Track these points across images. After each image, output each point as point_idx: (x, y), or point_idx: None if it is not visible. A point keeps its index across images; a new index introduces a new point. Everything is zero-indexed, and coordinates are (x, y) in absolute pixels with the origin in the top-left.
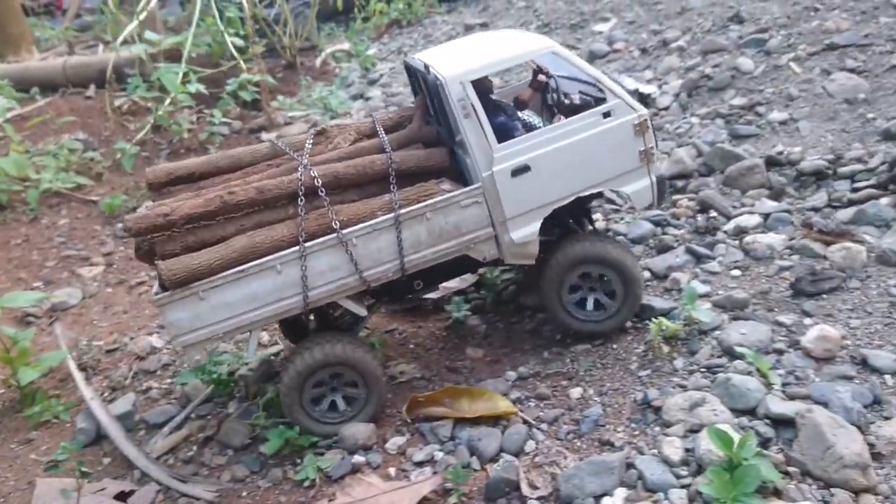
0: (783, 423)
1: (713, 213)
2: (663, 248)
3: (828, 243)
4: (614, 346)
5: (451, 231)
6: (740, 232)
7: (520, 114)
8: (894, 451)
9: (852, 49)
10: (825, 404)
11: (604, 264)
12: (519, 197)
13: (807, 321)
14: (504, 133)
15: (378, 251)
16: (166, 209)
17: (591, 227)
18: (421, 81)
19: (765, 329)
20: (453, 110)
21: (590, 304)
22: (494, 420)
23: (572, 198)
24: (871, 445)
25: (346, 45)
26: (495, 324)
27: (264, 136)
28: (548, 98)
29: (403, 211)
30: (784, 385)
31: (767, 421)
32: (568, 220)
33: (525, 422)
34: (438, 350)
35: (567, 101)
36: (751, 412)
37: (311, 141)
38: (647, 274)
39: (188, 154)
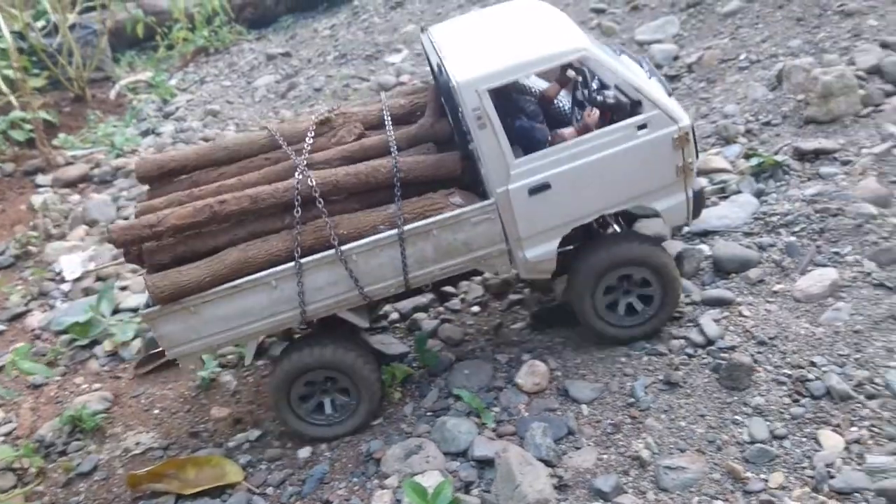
0: (488, 464)
1: None
2: None
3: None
4: None
5: (460, 248)
6: None
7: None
8: (579, 480)
9: None
10: (523, 440)
11: (645, 266)
12: (536, 216)
13: (525, 356)
14: (524, 138)
15: (380, 267)
16: (153, 219)
17: (618, 227)
18: (434, 69)
19: (488, 367)
20: (466, 118)
21: (622, 309)
22: (219, 490)
23: (596, 216)
24: (560, 478)
25: (146, 75)
26: (247, 378)
27: (40, 178)
28: (577, 94)
29: (408, 227)
30: (498, 423)
31: (473, 463)
32: (591, 224)
33: (249, 489)
34: (184, 413)
35: (600, 98)
36: (462, 454)
37: (313, 132)
38: (394, 315)
39: None
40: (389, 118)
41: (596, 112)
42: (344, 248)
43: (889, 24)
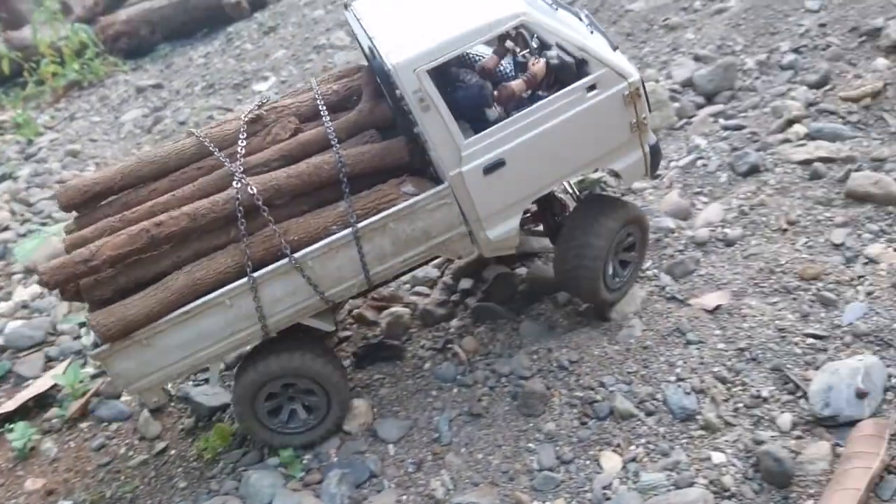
0: None
1: None
2: None
3: (380, 309)
4: (172, 451)
5: (420, 237)
6: None
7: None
8: None
9: None
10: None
11: (636, 225)
12: (494, 195)
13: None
14: (470, 107)
15: (338, 269)
16: (86, 253)
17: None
18: (366, 49)
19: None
20: (408, 102)
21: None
22: None
23: (555, 186)
24: None
25: (11, 114)
26: (68, 444)
27: None
28: (518, 57)
29: (362, 224)
30: (307, 472)
31: None
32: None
33: None
34: None
35: (543, 59)
36: None
37: (245, 133)
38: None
39: None
40: (324, 107)
41: (542, 61)
42: (297, 255)
43: (704, 37)
